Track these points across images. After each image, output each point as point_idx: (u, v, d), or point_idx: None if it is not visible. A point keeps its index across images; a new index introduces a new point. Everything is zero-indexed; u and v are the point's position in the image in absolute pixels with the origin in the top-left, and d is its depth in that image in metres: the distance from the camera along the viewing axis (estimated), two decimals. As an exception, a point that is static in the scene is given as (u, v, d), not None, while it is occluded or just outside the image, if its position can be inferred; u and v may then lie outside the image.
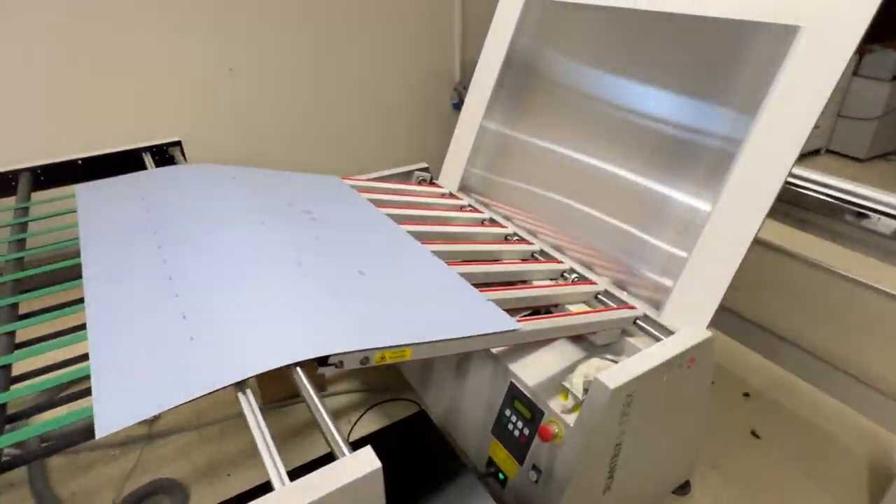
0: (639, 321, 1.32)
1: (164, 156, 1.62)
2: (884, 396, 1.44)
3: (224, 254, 1.23)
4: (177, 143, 1.63)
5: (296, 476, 0.67)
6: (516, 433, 1.24)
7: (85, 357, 0.91)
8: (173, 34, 2.37)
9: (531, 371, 1.26)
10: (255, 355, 0.86)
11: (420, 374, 1.59)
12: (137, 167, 1.54)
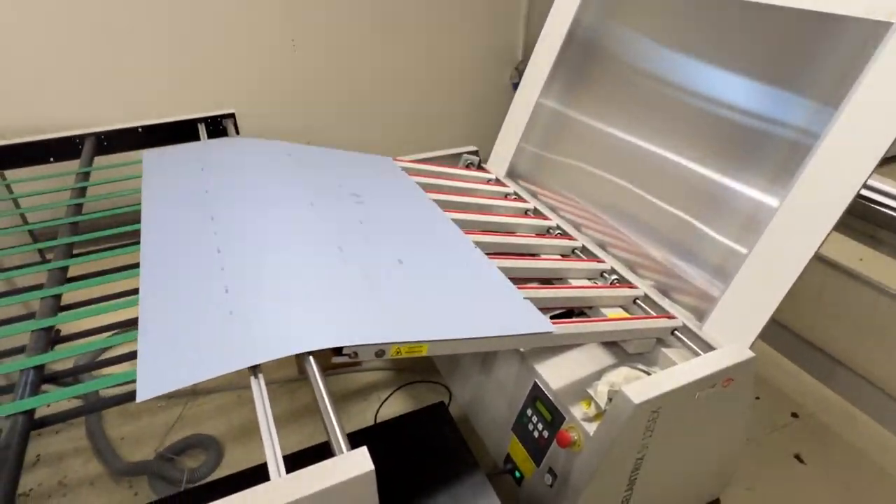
0: (677, 332, 1.26)
1: (218, 127, 1.67)
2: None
3: (271, 232, 1.26)
4: (230, 116, 1.67)
5: (299, 459, 0.69)
6: (535, 434, 1.22)
7: (131, 321, 0.96)
8: (240, 4, 2.41)
9: (556, 373, 1.23)
10: (276, 340, 0.88)
11: (449, 362, 1.59)
12: (192, 137, 1.59)
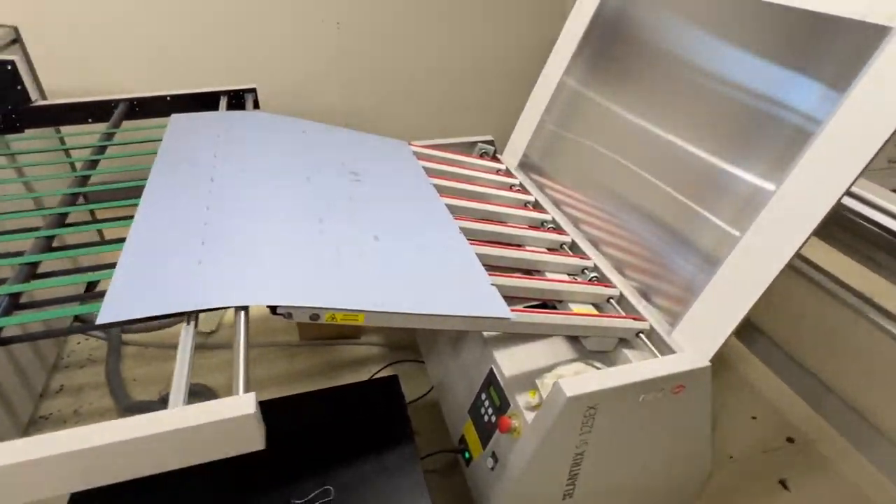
0: (642, 334, 1.24)
1: (241, 100, 1.78)
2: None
3: (261, 197, 1.34)
4: (252, 90, 1.78)
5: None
6: (486, 418, 1.24)
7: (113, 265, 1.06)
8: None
9: (513, 361, 1.25)
10: (219, 292, 0.95)
11: (428, 342, 1.63)
12: (214, 108, 1.71)
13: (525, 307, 1.26)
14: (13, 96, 1.58)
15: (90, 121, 1.67)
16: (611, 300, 1.34)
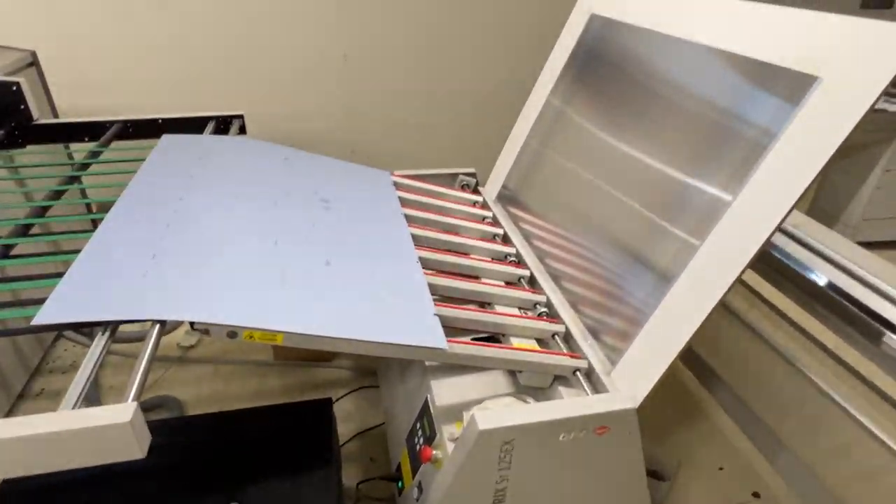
0: (579, 372, 1.22)
1: (228, 126, 1.87)
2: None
3: (223, 218, 1.39)
4: (239, 116, 1.86)
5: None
6: (418, 448, 1.24)
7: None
8: (295, 16, 2.65)
9: (448, 392, 1.25)
10: (143, 305, 0.99)
11: (384, 368, 1.64)
12: (201, 132, 1.80)
13: (473, 339, 1.27)
14: (16, 114, 1.70)
15: (86, 139, 1.78)
16: (556, 336, 1.33)
